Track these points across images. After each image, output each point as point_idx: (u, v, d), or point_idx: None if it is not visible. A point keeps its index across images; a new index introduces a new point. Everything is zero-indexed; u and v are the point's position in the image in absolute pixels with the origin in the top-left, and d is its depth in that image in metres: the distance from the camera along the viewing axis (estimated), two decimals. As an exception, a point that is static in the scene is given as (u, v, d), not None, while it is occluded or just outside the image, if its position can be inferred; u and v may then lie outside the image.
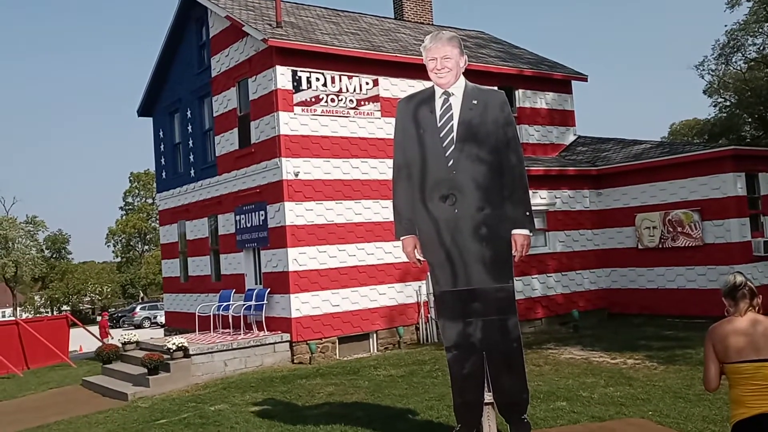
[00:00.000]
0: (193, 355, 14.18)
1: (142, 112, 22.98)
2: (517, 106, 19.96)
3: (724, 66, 39.48)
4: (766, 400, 4.18)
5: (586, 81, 21.85)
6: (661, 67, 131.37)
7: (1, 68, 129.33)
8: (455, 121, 8.08)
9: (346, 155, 16.52)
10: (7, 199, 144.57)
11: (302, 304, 15.52)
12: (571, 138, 21.39)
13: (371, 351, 16.36)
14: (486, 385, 7.96)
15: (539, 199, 18.35)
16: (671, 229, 17.74)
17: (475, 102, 8.15)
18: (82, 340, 26.85)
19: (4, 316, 67.92)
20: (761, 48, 37.48)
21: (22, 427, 11.60)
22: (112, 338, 23.97)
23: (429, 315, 16.97)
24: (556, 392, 10.26)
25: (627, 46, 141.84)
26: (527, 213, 8.14)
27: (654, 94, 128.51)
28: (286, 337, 15.40)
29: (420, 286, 17.03)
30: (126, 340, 16.44)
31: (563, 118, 21.26)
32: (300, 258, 15.61)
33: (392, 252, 16.58)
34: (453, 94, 8.15)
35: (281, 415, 10.30)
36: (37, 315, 64.00)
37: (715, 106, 42.74)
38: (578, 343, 15.16)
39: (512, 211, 8.10)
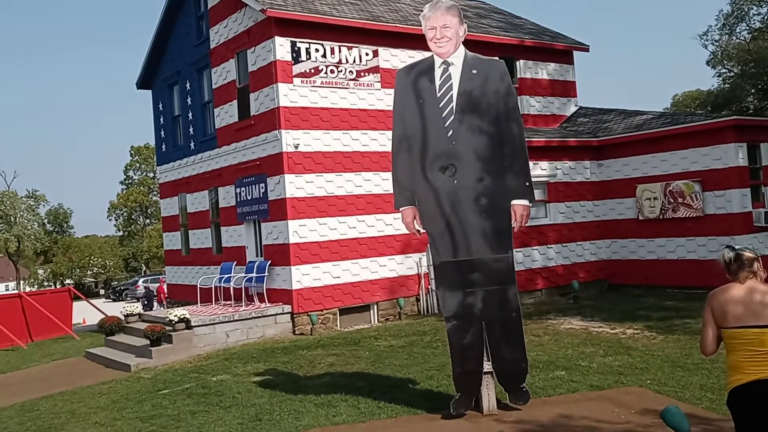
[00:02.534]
0: (195, 326, 14.26)
1: (141, 84, 22.85)
2: (518, 76, 19.83)
3: (727, 36, 39.10)
4: (762, 366, 4.20)
5: (588, 51, 21.70)
6: (664, 38, 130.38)
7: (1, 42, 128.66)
8: (455, 91, 8.06)
9: (346, 127, 16.45)
10: (8, 173, 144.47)
11: (303, 276, 15.57)
12: (573, 109, 21.28)
13: (372, 322, 16.45)
14: (485, 354, 8.04)
15: (540, 170, 18.30)
16: (672, 200, 17.71)
17: (474, 72, 8.12)
18: (85, 312, 26.96)
19: (7, 290, 68.20)
20: (766, 18, 37.11)
21: (28, 398, 11.70)
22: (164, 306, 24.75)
23: (429, 286, 17.02)
24: (555, 362, 10.33)
25: (629, 16, 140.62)
26: (527, 183, 8.17)
27: (657, 65, 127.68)
28: (287, 308, 15.47)
29: (420, 258, 17.06)
30: (128, 312, 16.53)
31: (564, 89, 21.13)
32: (300, 230, 15.63)
33: (393, 224, 16.58)
34: (453, 64, 8.12)
35: (283, 385, 10.39)
36: (41, 289, 64.40)
37: (718, 76, 42.44)
38: (578, 313, 15.23)
39: (512, 182, 8.12)
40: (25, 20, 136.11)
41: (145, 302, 30.55)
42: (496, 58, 9.38)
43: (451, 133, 8.03)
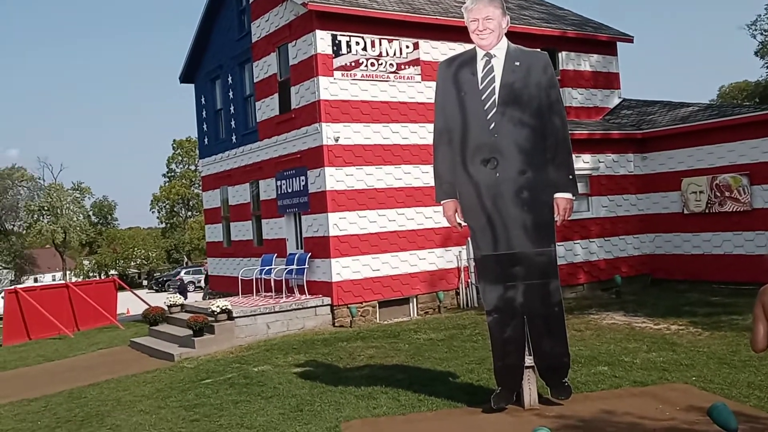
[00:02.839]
0: (237, 317, 14.43)
1: (184, 78, 23.17)
2: (560, 68, 19.59)
3: (777, 25, 38.15)
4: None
5: (632, 42, 21.31)
6: (710, 28, 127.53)
7: (48, 37, 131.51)
8: (497, 84, 7.99)
9: (386, 120, 16.45)
10: (55, 166, 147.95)
11: (343, 269, 15.64)
12: (616, 101, 20.96)
13: (411, 315, 16.46)
14: (527, 348, 7.98)
15: (582, 163, 18.08)
16: (718, 194, 17.35)
17: (517, 63, 8.04)
18: (129, 303, 27.50)
19: (54, 280, 69.84)
20: (817, 6, 36.08)
21: (75, 385, 11.98)
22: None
23: (469, 280, 16.96)
24: (597, 357, 10.21)
25: (675, 6, 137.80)
26: (570, 176, 8.07)
27: (703, 55, 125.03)
28: (327, 300, 15.57)
29: (460, 251, 17.00)
30: (171, 302, 16.80)
31: (608, 80, 20.81)
32: (340, 223, 15.69)
33: (432, 217, 16.56)
34: (495, 56, 8.05)
35: (323, 376, 10.46)
36: (86, 279, 65.83)
37: (767, 67, 41.41)
38: (620, 308, 15.02)
39: (555, 175, 8.03)
40: (70, 10, 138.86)
41: (179, 294, 30.60)
42: (539, 50, 9.27)
43: (493, 125, 7.96)
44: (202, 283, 42.25)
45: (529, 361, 7.98)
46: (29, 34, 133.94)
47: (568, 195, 8.05)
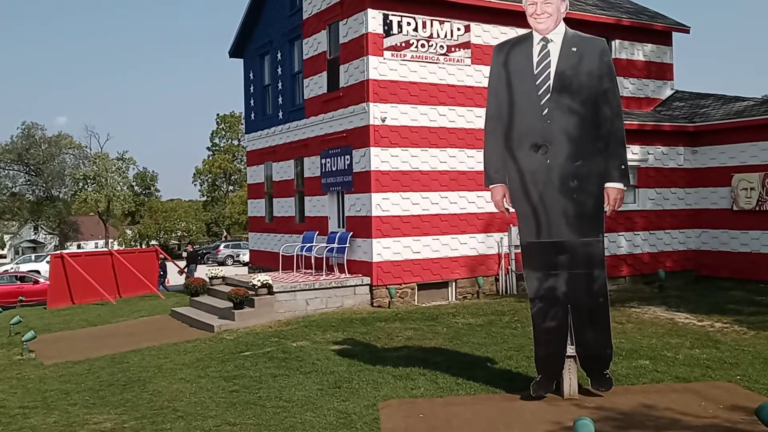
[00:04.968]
0: (277, 292, 14.57)
1: (234, 53, 23.30)
2: (613, 57, 19.20)
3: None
4: None
5: (688, 33, 20.78)
6: None
7: (99, 8, 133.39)
8: (552, 69, 7.89)
9: (434, 102, 16.34)
10: (101, 135, 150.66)
11: (383, 249, 15.66)
12: (669, 92, 20.51)
13: (450, 299, 16.43)
14: (569, 338, 7.91)
15: (631, 154, 17.74)
16: (770, 192, 16.93)
17: (574, 50, 7.94)
18: (170, 273, 27.94)
19: (96, 248, 71.32)
20: None
21: (117, 351, 12.24)
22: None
23: (509, 267, 16.85)
24: (638, 350, 10.10)
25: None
26: (622, 167, 7.96)
27: (761, 49, 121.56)
28: (367, 280, 15.61)
29: (502, 238, 16.88)
30: (213, 274, 17.03)
31: (661, 71, 20.37)
32: (383, 203, 15.69)
33: (475, 202, 16.45)
34: (552, 41, 7.94)
35: (361, 354, 10.53)
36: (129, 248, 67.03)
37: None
38: (663, 303, 14.80)
39: (606, 165, 7.92)
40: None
41: (191, 267, 27.61)
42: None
43: (546, 111, 7.87)
44: (242, 258, 42.64)
45: (570, 350, 7.92)
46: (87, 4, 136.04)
47: (620, 185, 7.94)
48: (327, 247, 16.52)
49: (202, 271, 22.13)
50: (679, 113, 19.48)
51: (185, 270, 26.77)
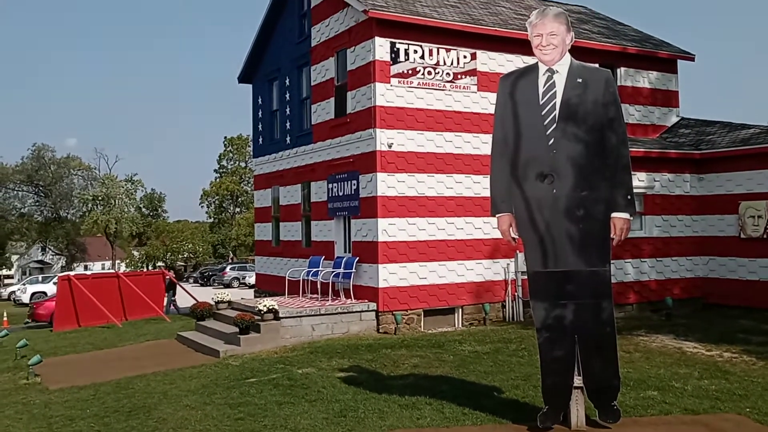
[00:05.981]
0: (283, 318, 14.56)
1: (243, 78, 23.51)
2: (619, 84, 19.29)
3: None
4: None
5: (693, 61, 20.89)
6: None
7: (106, 35, 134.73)
8: (558, 99, 7.92)
9: (441, 128, 16.43)
10: (110, 157, 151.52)
11: (390, 275, 15.66)
12: (674, 119, 20.57)
13: (456, 326, 16.38)
14: (576, 368, 7.87)
15: (637, 181, 17.72)
16: (778, 220, 16.88)
17: (579, 80, 7.96)
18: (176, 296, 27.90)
19: (103, 269, 71.45)
20: None
21: (123, 376, 12.22)
22: None
23: (516, 293, 16.82)
24: (646, 381, 10.02)
25: (738, 25, 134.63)
26: (629, 196, 7.94)
27: (766, 76, 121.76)
28: (373, 306, 15.59)
29: (508, 264, 16.86)
30: (219, 299, 17.02)
31: (666, 98, 20.44)
32: (390, 229, 15.72)
33: (482, 228, 16.46)
34: (557, 72, 7.97)
35: (366, 382, 10.48)
36: (136, 269, 67.18)
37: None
38: (671, 331, 14.71)
39: (611, 194, 7.91)
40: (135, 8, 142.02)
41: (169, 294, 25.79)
42: (597, 65, 9.17)
43: (552, 141, 7.88)
44: (247, 280, 42.60)
45: (578, 381, 7.86)
46: (99, 29, 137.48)
47: (626, 215, 7.92)
48: (333, 272, 16.53)
49: (208, 295, 22.09)
50: (685, 140, 19.50)
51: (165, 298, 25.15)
